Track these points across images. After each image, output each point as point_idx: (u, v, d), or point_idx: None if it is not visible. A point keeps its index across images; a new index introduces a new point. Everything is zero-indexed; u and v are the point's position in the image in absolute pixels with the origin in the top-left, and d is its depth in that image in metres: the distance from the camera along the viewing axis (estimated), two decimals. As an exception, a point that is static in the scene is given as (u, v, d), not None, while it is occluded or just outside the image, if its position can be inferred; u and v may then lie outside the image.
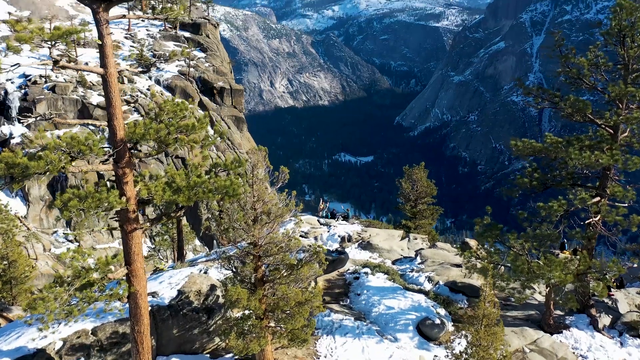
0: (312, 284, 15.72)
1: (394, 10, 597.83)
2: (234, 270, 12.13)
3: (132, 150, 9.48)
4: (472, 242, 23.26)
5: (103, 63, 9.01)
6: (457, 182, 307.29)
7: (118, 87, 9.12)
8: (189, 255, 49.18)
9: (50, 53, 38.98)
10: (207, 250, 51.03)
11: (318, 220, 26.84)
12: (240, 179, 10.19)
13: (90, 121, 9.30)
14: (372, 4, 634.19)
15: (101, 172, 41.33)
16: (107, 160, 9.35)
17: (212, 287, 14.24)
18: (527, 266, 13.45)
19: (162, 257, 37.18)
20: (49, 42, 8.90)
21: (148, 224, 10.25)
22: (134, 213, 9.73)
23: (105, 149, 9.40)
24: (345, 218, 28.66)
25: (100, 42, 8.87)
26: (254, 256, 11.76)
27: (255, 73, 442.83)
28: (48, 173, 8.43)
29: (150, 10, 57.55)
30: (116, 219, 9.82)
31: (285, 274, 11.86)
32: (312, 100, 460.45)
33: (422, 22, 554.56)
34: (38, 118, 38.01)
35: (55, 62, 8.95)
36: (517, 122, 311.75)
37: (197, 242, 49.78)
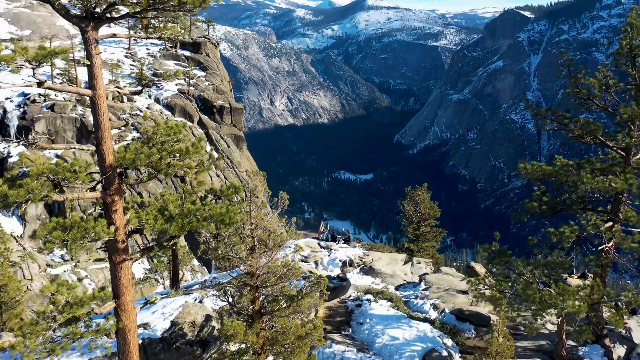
0: (313, 313, 15.00)
1: (392, 30, 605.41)
2: (230, 302, 11.47)
3: (122, 177, 8.94)
4: (478, 267, 22.53)
5: (92, 84, 8.52)
6: (456, 199, 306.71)
7: (107, 110, 8.62)
8: (187, 276, 48.26)
9: (34, 74, 38.52)
10: (206, 269, 50.13)
11: (318, 243, 26.13)
12: (237, 205, 9.59)
13: (77, 146, 8.79)
14: (371, 23, 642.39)
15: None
16: (94, 187, 8.80)
17: (208, 318, 13.52)
18: (538, 295, 12.76)
19: (158, 279, 36.35)
20: (33, 63, 8.55)
21: (138, 254, 9.64)
22: (124, 243, 9.12)
23: (94, 175, 8.82)
24: (347, 241, 27.94)
25: (89, 63, 8.39)
26: (251, 287, 11.11)
27: (255, 91, 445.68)
28: (29, 202, 7.88)
29: (143, 30, 57.71)
30: (104, 249, 9.22)
31: (284, 306, 11.18)
32: (311, 118, 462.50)
33: (420, 41, 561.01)
34: (21, 142, 37.49)
35: (40, 84, 8.45)
36: (516, 140, 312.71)
37: (195, 262, 48.94)
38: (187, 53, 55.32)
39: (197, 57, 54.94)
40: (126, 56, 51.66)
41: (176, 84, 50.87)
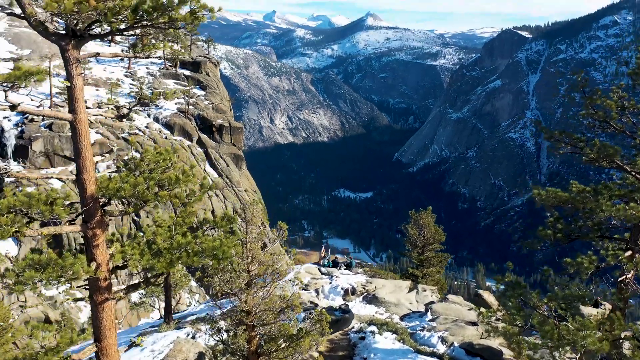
0: (314, 348, 13.99)
1: (392, 49, 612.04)
2: (223, 342, 10.53)
3: (105, 208, 8.14)
4: (486, 294, 21.54)
5: (72, 108, 7.80)
6: (456, 218, 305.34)
7: (89, 135, 7.87)
8: (184, 298, 47.00)
9: (5, 96, 37.99)
10: (204, 291, 48.88)
11: (319, 269, 25.12)
12: (231, 237, 8.75)
13: (55, 175, 8.05)
14: (371, 43, 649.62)
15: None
16: (74, 219, 8.00)
17: (200, 356, 12.55)
18: (556, 331, 11.83)
19: (153, 303, 35.25)
20: (5, 85, 7.97)
21: (122, 292, 8.76)
22: (106, 281, 8.27)
23: (77, 204, 8.04)
24: (348, 266, 26.88)
25: (69, 84, 7.69)
26: (247, 326, 10.21)
27: (255, 110, 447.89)
28: (-1, 238, 7.10)
29: (131, 48, 57.62)
30: (85, 287, 8.36)
31: (283, 346, 10.25)
32: (311, 137, 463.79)
33: (419, 60, 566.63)
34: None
35: (13, 107, 7.73)
36: (515, 158, 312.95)
37: (193, 283, 47.84)
38: (187, 72, 55.06)
39: (197, 76, 54.67)
40: (126, 75, 51.35)
41: (176, 103, 50.46)
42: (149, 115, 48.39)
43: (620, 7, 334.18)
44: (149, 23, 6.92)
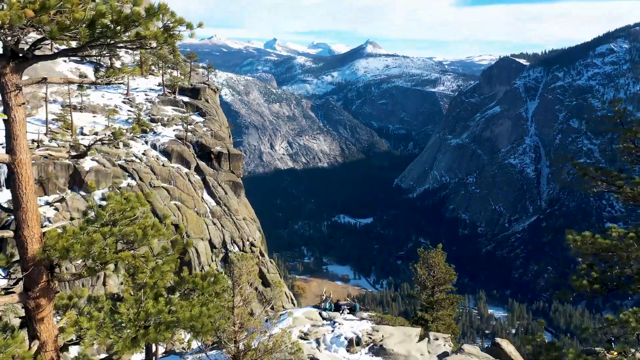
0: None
1: (391, 76, 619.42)
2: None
3: (53, 272, 6.46)
4: (504, 343, 19.62)
5: (10, 147, 6.24)
6: (457, 244, 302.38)
7: (32, 181, 6.31)
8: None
9: None
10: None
11: (320, 314, 23.12)
12: (214, 303, 7.03)
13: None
14: (370, 70, 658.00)
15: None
16: (11, 288, 6.32)
17: None
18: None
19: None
20: None
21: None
22: (54, 363, 6.48)
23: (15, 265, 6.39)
24: (352, 310, 24.81)
25: (6, 117, 6.14)
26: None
27: (255, 136, 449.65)
28: None
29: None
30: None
31: None
32: (311, 162, 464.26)
33: (418, 87, 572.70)
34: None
35: None
36: (515, 184, 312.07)
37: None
38: (186, 99, 54.09)
39: (196, 103, 53.67)
40: (124, 102, 50.36)
41: (174, 130, 49.26)
42: (146, 142, 47.09)
43: (616, 35, 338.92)
44: (112, 41, 5.47)
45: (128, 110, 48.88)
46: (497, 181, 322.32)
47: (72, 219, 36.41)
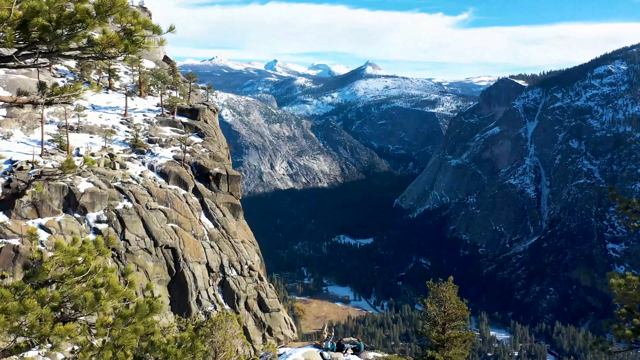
0: None
1: (390, 97, 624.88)
2: None
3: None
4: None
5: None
6: (458, 265, 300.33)
7: None
8: None
9: None
10: None
11: (321, 354, 22.06)
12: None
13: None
14: (370, 91, 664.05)
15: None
16: None
17: None
18: None
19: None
20: None
21: None
22: None
23: None
24: (356, 351, 23.48)
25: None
26: None
27: (255, 156, 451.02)
28: None
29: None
30: None
31: None
32: (311, 183, 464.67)
33: (418, 108, 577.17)
34: None
35: None
36: (516, 204, 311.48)
37: None
38: (184, 119, 54.05)
39: (195, 124, 53.60)
40: (122, 122, 50.29)
41: (172, 151, 49.05)
42: (143, 164, 46.82)
43: (614, 57, 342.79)
44: (54, 48, 4.69)
45: (126, 131, 48.78)
46: (497, 201, 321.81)
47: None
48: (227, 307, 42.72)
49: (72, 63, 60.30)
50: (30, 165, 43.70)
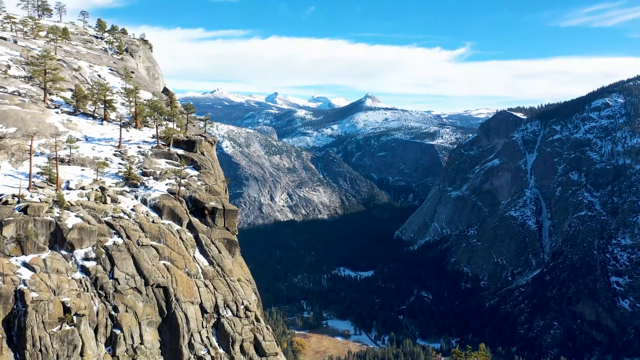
0: None
1: (390, 129, 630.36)
2: None
3: None
4: None
5: None
6: (460, 298, 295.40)
7: None
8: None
9: None
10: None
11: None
12: None
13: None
14: (370, 123, 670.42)
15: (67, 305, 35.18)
16: None
17: None
18: None
19: None
20: None
21: None
22: None
23: None
24: None
25: None
26: None
27: (255, 187, 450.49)
28: None
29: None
30: None
31: None
32: (311, 214, 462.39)
33: (417, 140, 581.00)
34: None
35: None
36: (517, 236, 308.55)
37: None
38: (180, 151, 52.50)
39: (191, 156, 52.00)
40: (115, 154, 48.70)
41: (166, 184, 47.25)
42: (136, 197, 45.00)
43: (611, 90, 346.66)
44: None
45: (119, 163, 47.13)
46: (498, 233, 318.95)
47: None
48: (221, 350, 40.05)
49: (67, 94, 59.33)
50: (17, 199, 41.88)
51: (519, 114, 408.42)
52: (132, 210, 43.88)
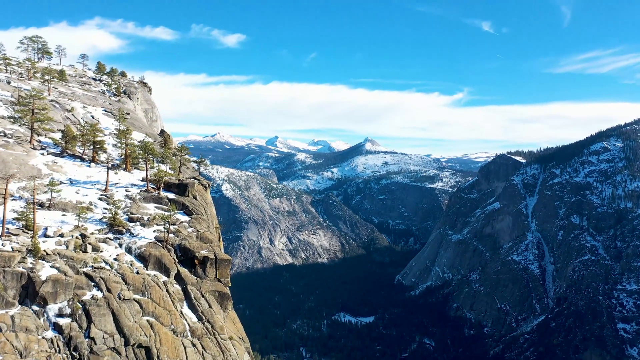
0: None
1: (390, 173, 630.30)
2: None
3: None
4: None
5: None
6: (463, 345, 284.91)
7: None
8: None
9: None
10: None
11: None
12: None
13: None
14: (369, 166, 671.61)
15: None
16: None
17: None
18: None
19: None
20: None
21: None
22: None
23: None
24: None
25: None
26: None
27: (255, 230, 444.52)
28: None
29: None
30: None
31: None
32: (311, 258, 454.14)
33: (417, 183, 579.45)
34: None
35: None
36: (520, 281, 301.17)
37: None
38: (171, 195, 49.33)
39: (182, 200, 48.79)
40: (100, 198, 45.52)
41: (154, 230, 43.78)
42: (120, 245, 41.39)
43: (609, 134, 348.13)
44: None
45: (104, 208, 43.86)
46: (501, 278, 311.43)
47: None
48: None
49: (57, 135, 56.85)
50: (-11, 248, 38.16)
51: (518, 158, 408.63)
52: (115, 259, 40.22)
